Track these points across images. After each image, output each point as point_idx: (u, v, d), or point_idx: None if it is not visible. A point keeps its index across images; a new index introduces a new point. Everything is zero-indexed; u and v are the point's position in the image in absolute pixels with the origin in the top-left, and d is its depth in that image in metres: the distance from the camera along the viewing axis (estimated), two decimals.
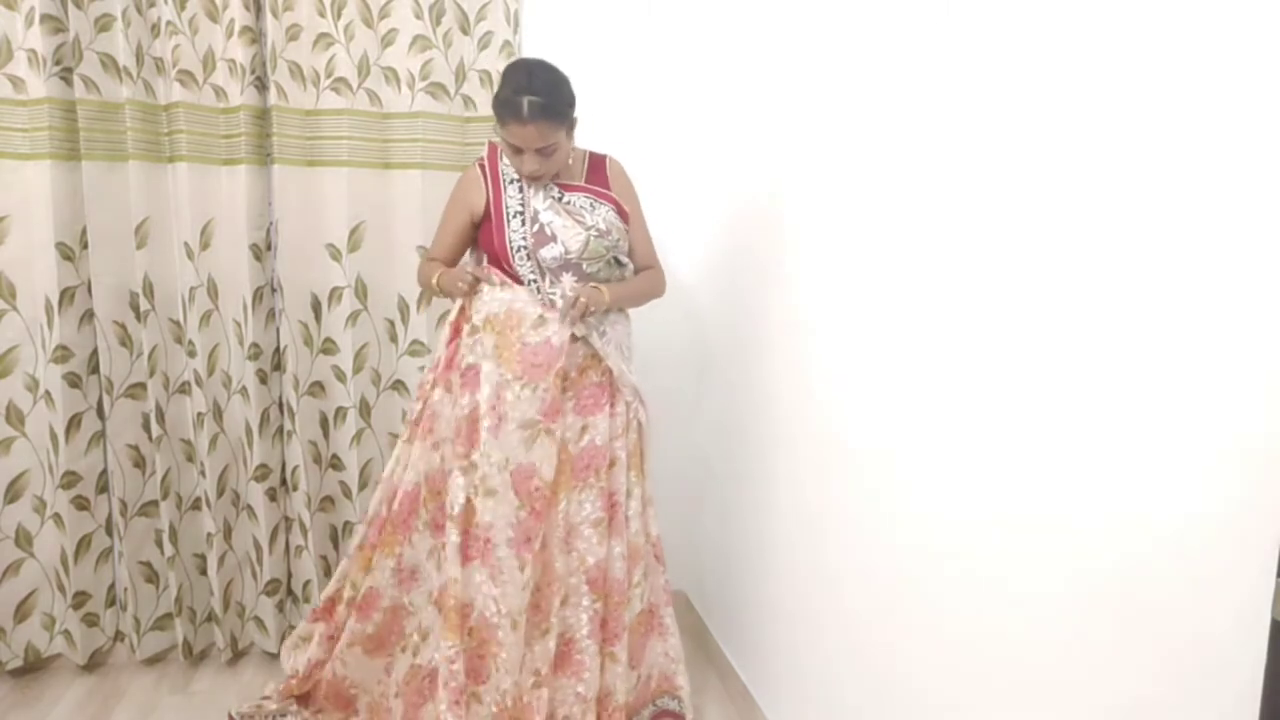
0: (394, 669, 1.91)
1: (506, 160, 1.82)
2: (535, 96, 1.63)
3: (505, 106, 1.65)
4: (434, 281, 1.84)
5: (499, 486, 1.74)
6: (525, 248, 1.78)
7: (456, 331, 1.84)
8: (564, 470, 1.80)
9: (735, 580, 2.21)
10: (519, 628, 1.74)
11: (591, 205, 1.82)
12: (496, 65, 2.22)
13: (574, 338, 1.79)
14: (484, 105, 2.24)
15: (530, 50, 2.23)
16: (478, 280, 1.78)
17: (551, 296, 1.78)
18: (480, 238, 1.86)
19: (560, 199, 1.81)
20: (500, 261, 1.81)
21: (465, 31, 2.21)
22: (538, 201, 1.79)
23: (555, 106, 1.67)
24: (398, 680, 1.89)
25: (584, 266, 1.80)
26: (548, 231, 1.77)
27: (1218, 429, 0.80)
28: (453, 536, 1.75)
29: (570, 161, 1.84)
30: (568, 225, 1.77)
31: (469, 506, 1.76)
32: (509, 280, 1.80)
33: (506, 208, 1.80)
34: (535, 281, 1.79)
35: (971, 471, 1.18)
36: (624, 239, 1.86)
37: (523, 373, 1.74)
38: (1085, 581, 0.96)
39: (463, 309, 1.84)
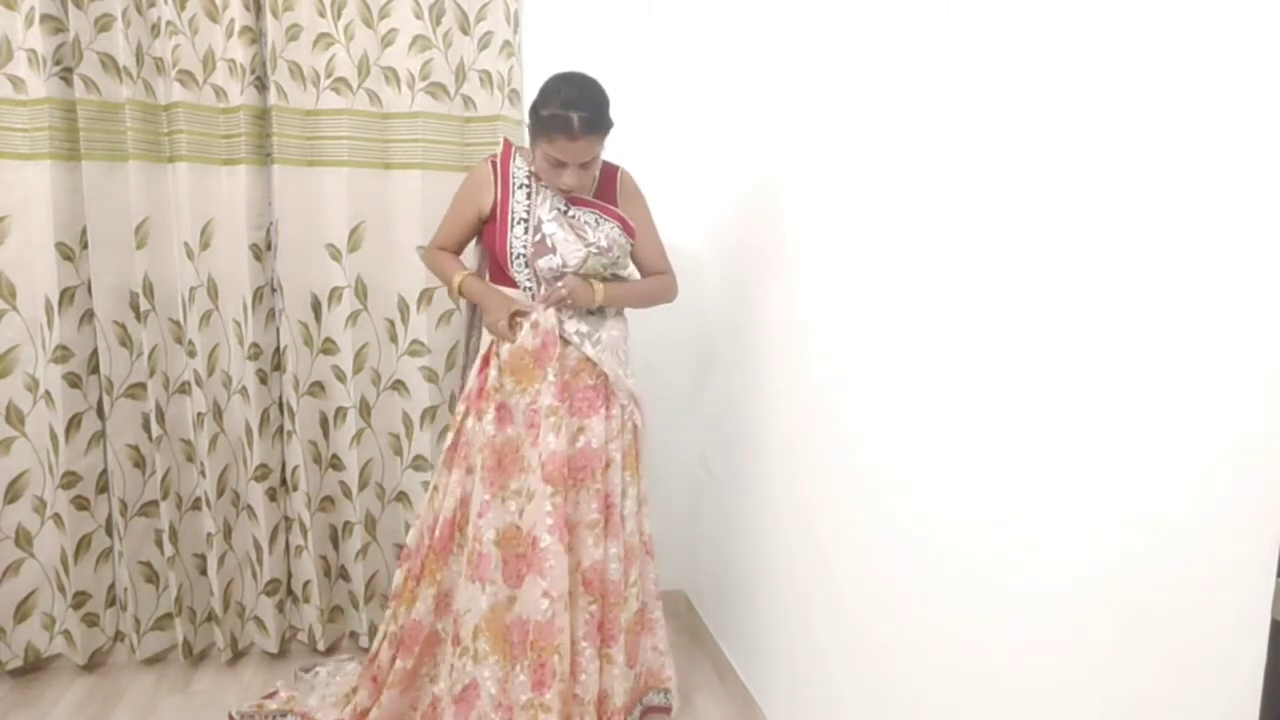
0: (420, 702, 1.91)
1: (518, 163, 1.83)
2: (586, 112, 1.63)
3: (554, 121, 1.64)
4: (456, 285, 1.86)
5: (534, 486, 1.76)
6: (524, 256, 1.79)
7: (486, 363, 1.85)
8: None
9: (733, 579, 2.21)
10: (568, 608, 1.75)
11: (596, 221, 1.82)
12: (496, 65, 2.22)
13: (565, 343, 1.80)
14: (484, 105, 2.24)
15: (530, 50, 2.23)
16: (516, 321, 1.78)
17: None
18: (484, 236, 1.88)
19: (565, 211, 1.81)
20: (499, 265, 1.82)
21: (465, 31, 2.21)
22: (543, 211, 1.79)
23: (604, 120, 1.68)
24: (422, 710, 1.90)
25: None
26: (548, 243, 1.78)
27: (1218, 429, 0.80)
28: (498, 562, 1.75)
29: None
30: (569, 239, 1.78)
31: (511, 530, 1.77)
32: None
33: (512, 213, 1.80)
34: (531, 289, 1.80)
35: (971, 470, 1.18)
36: (625, 255, 1.87)
37: (539, 373, 1.77)
38: (1085, 581, 0.96)
39: (493, 342, 1.85)
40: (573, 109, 1.63)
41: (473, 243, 1.97)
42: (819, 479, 1.70)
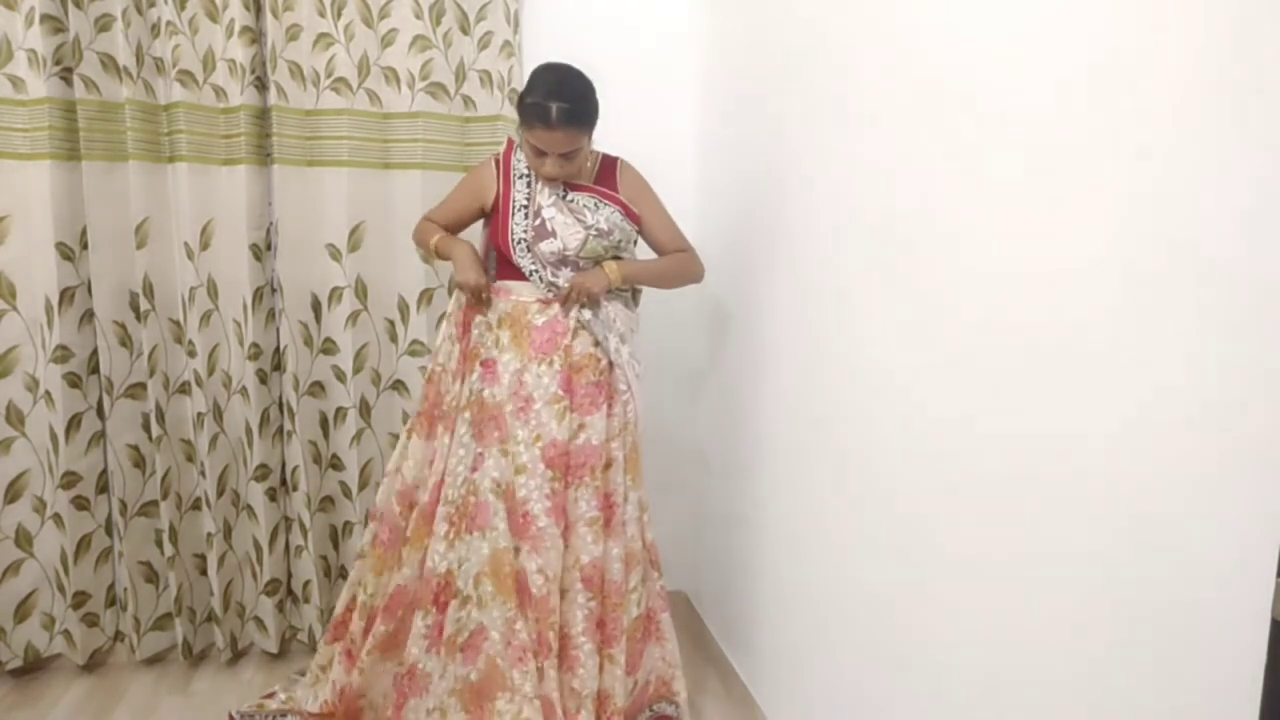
0: (398, 667, 1.90)
1: (519, 155, 1.85)
2: (565, 103, 1.65)
3: (533, 111, 1.67)
4: (433, 244, 1.88)
5: (529, 462, 1.78)
6: (525, 240, 1.81)
7: (466, 327, 1.87)
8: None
9: (736, 580, 2.21)
10: (556, 592, 1.78)
11: (595, 205, 1.83)
12: (496, 65, 2.22)
13: (579, 324, 1.82)
14: (484, 105, 2.24)
15: (530, 50, 2.23)
16: (485, 294, 1.81)
17: (554, 282, 1.82)
18: (489, 230, 1.90)
19: (564, 197, 1.83)
20: (504, 256, 1.84)
21: (465, 31, 2.21)
22: (543, 197, 1.82)
23: (583, 114, 1.70)
24: (396, 674, 1.88)
25: (580, 264, 1.84)
26: (548, 227, 1.80)
27: (1220, 428, 0.79)
28: (501, 511, 1.78)
29: (588, 164, 1.86)
30: (569, 223, 1.80)
31: (508, 486, 1.80)
32: (506, 286, 1.84)
33: (513, 201, 1.83)
34: (536, 272, 1.82)
35: (974, 469, 1.17)
36: (627, 240, 1.89)
37: (535, 353, 1.80)
38: (1086, 580, 0.96)
39: (465, 307, 1.87)
40: (552, 99, 1.65)
41: (479, 225, 1.97)
42: (823, 476, 1.70)
